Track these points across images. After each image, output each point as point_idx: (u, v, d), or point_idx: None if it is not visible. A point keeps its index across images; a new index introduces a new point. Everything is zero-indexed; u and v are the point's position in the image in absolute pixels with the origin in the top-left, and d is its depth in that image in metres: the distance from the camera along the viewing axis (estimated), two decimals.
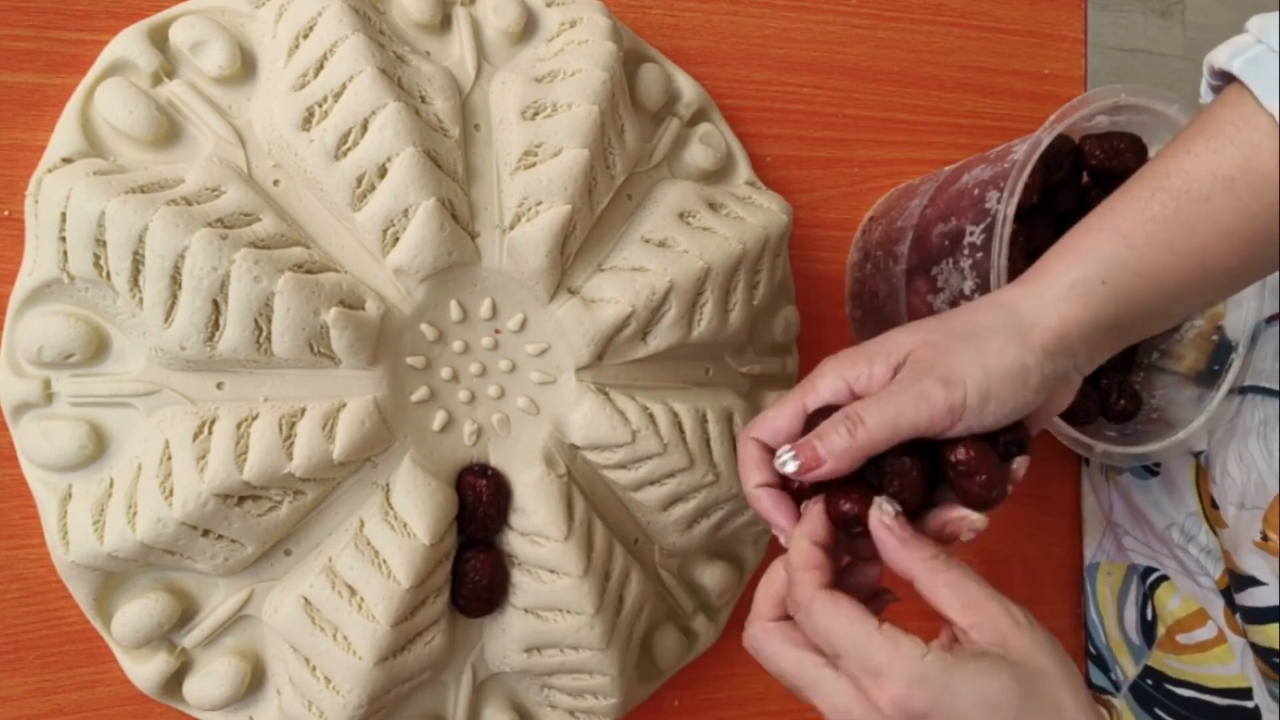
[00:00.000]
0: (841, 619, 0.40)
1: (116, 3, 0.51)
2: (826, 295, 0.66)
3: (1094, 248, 0.45)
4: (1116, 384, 0.61)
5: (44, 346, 0.46)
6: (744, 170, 0.61)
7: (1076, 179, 0.60)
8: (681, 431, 0.52)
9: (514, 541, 0.51)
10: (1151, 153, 0.59)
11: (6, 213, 0.49)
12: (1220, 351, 0.60)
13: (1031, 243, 0.58)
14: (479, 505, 0.50)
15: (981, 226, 0.54)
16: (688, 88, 0.59)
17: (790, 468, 0.43)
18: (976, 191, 0.55)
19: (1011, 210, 0.51)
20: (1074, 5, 0.70)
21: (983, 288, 0.53)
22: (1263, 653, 0.58)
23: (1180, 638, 0.65)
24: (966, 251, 0.54)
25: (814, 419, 0.44)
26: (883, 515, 0.42)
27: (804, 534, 0.43)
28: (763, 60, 0.63)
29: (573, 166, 0.49)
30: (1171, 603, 0.65)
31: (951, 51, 0.67)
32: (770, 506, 0.44)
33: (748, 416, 0.56)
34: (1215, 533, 0.60)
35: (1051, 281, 0.45)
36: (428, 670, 0.50)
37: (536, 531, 0.50)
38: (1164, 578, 0.66)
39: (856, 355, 0.45)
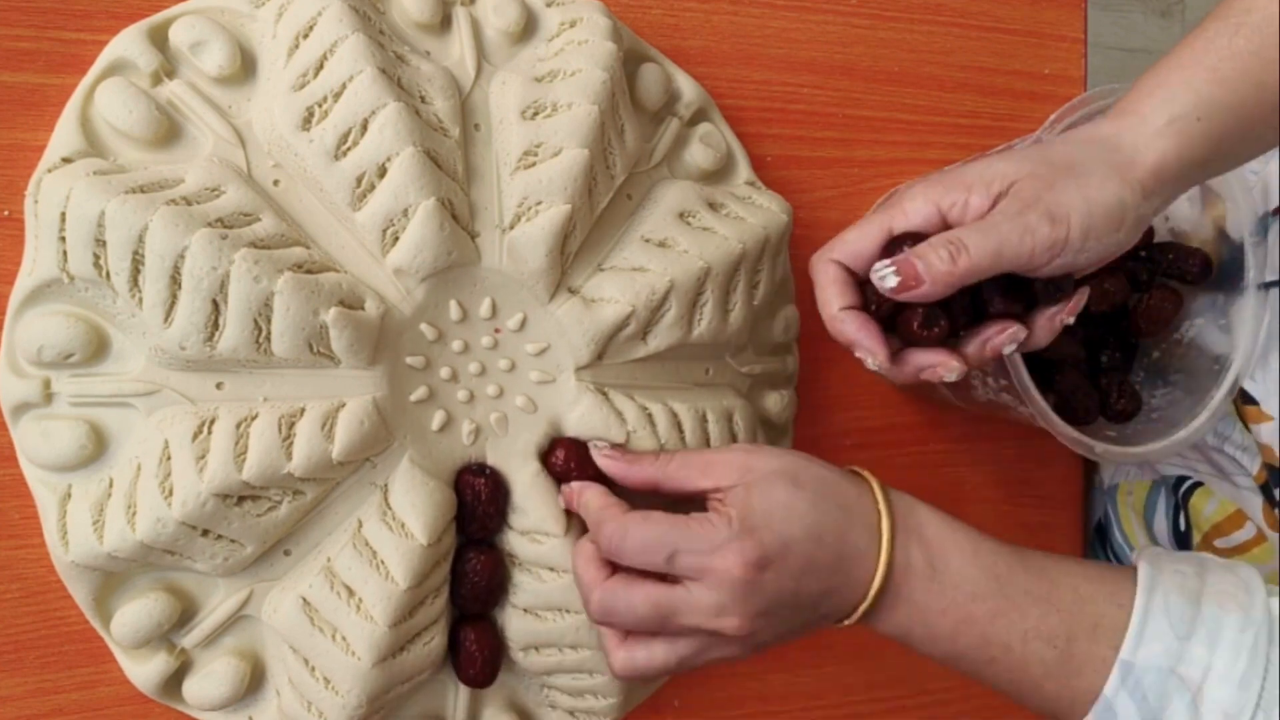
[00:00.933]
0: (659, 525, 0.44)
1: (116, 3, 0.51)
2: None
3: (1187, 82, 0.45)
4: (1116, 384, 0.61)
5: (44, 346, 0.46)
6: (744, 170, 0.61)
7: None
8: (681, 431, 0.52)
9: (513, 541, 0.51)
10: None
11: (6, 213, 0.49)
12: (1228, 252, 0.59)
13: None
14: (478, 504, 0.49)
15: None
16: (688, 88, 0.59)
17: (890, 283, 0.43)
18: None
19: None
20: (1074, 5, 0.70)
21: None
22: None
23: (1218, 542, 0.64)
24: None
25: (893, 245, 0.44)
26: (602, 451, 0.49)
27: (591, 490, 0.48)
28: (763, 60, 0.63)
29: (573, 166, 0.49)
30: (1207, 508, 0.65)
31: (951, 51, 0.67)
32: (857, 329, 0.45)
33: (748, 416, 0.56)
34: (1249, 429, 0.60)
35: (1149, 116, 0.45)
36: (427, 670, 0.50)
37: (535, 529, 0.50)
38: (1198, 484, 0.65)
39: (952, 182, 0.45)
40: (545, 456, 0.51)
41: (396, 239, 0.48)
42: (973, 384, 0.58)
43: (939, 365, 0.46)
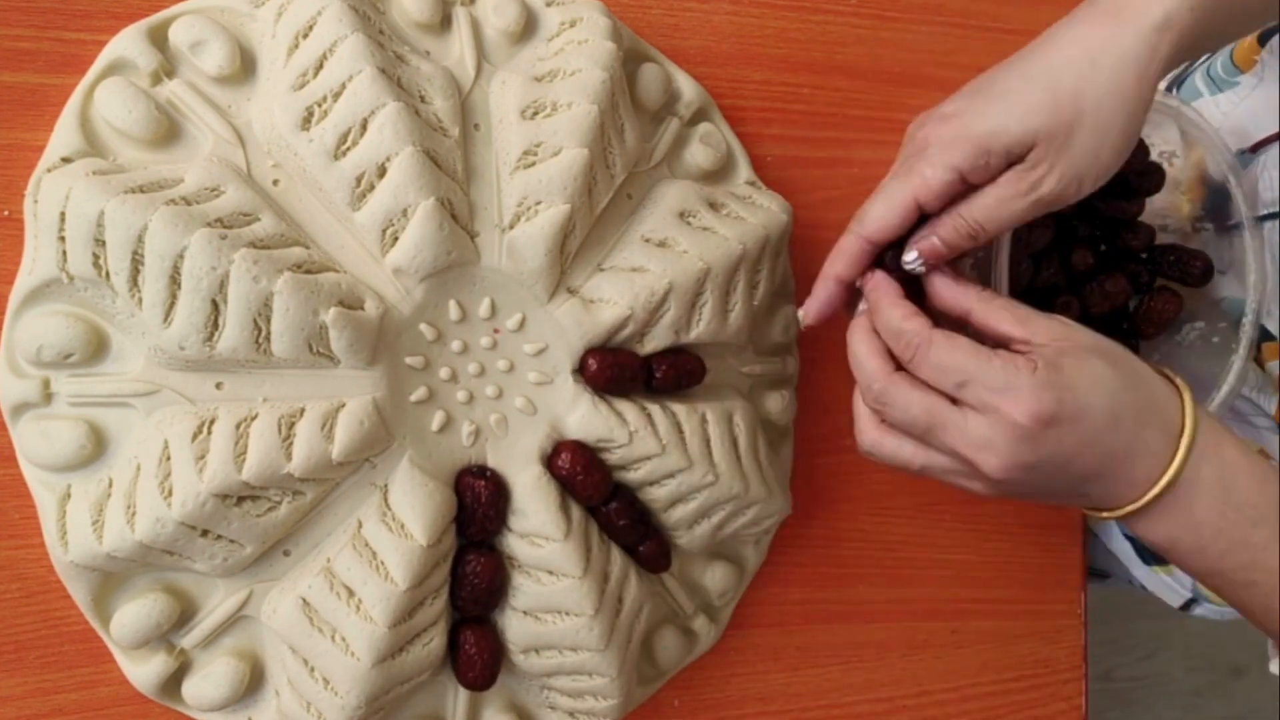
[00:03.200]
0: (961, 351, 0.44)
1: (116, 3, 0.51)
2: None
3: None
4: None
5: (43, 346, 0.46)
6: (744, 170, 0.61)
7: None
8: (681, 432, 0.52)
9: (513, 543, 0.51)
10: (1154, 154, 0.59)
11: (6, 212, 0.49)
12: (1212, 192, 0.59)
13: (1033, 244, 0.58)
14: (478, 507, 0.49)
15: None
16: (688, 88, 0.59)
17: (921, 269, 0.48)
18: None
19: (1007, 235, 0.51)
20: (1074, 5, 0.70)
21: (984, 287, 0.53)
22: None
23: None
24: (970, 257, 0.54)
25: (895, 251, 0.49)
26: (928, 255, 0.48)
27: (890, 296, 0.48)
28: (763, 60, 0.63)
29: (572, 166, 0.49)
30: None
31: (951, 51, 0.67)
32: (826, 300, 0.50)
33: (748, 417, 0.56)
34: (1263, 368, 0.60)
35: (1143, 12, 0.45)
36: (426, 671, 0.50)
37: (535, 532, 0.50)
38: None
39: (969, 147, 0.46)
40: (550, 460, 0.51)
41: (396, 239, 0.47)
42: None
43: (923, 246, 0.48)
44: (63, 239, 0.45)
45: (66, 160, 0.47)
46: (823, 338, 0.65)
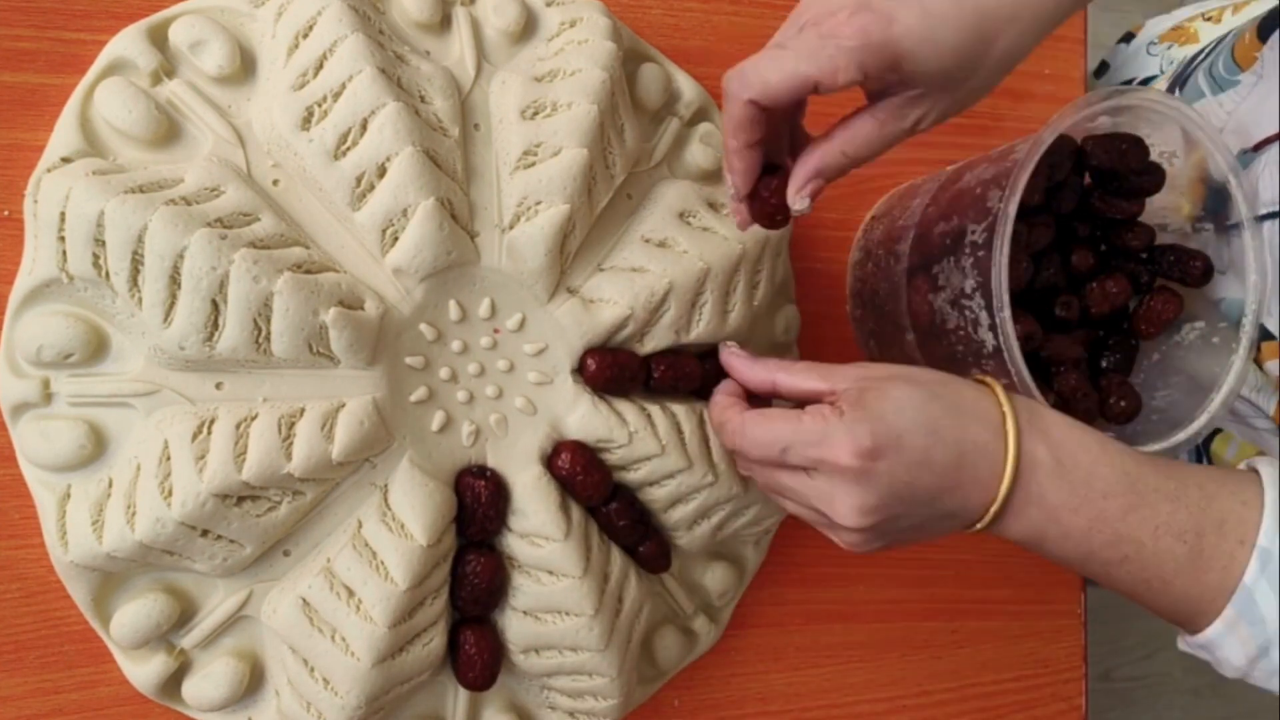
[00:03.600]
0: (772, 421, 0.46)
1: (116, 3, 0.51)
2: (827, 294, 0.66)
3: None
4: (1116, 385, 0.60)
5: (43, 346, 0.46)
6: None
7: (1079, 179, 0.60)
8: (680, 433, 0.52)
9: (513, 544, 0.51)
10: (1154, 154, 0.59)
11: (6, 212, 0.49)
12: (1212, 192, 0.59)
13: (1033, 244, 0.57)
14: (478, 507, 0.49)
15: (983, 225, 0.54)
16: (688, 88, 0.59)
17: (807, 206, 0.47)
18: (979, 190, 0.55)
19: (1013, 208, 0.51)
20: None
21: (984, 287, 0.53)
22: None
23: None
24: (968, 250, 0.54)
25: (770, 171, 0.48)
26: (730, 350, 0.51)
27: (721, 391, 0.50)
28: None
29: (572, 166, 0.49)
30: (1228, 453, 0.66)
31: None
32: (745, 169, 0.47)
33: None
34: (1261, 368, 0.60)
35: None
36: (426, 671, 0.50)
37: (535, 532, 0.50)
38: (1216, 430, 0.66)
39: (886, 58, 0.43)
40: (550, 460, 0.51)
41: (396, 239, 0.47)
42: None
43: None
44: (63, 239, 0.45)
45: (66, 160, 0.47)
46: (823, 337, 0.65)
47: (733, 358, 0.51)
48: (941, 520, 0.46)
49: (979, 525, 0.46)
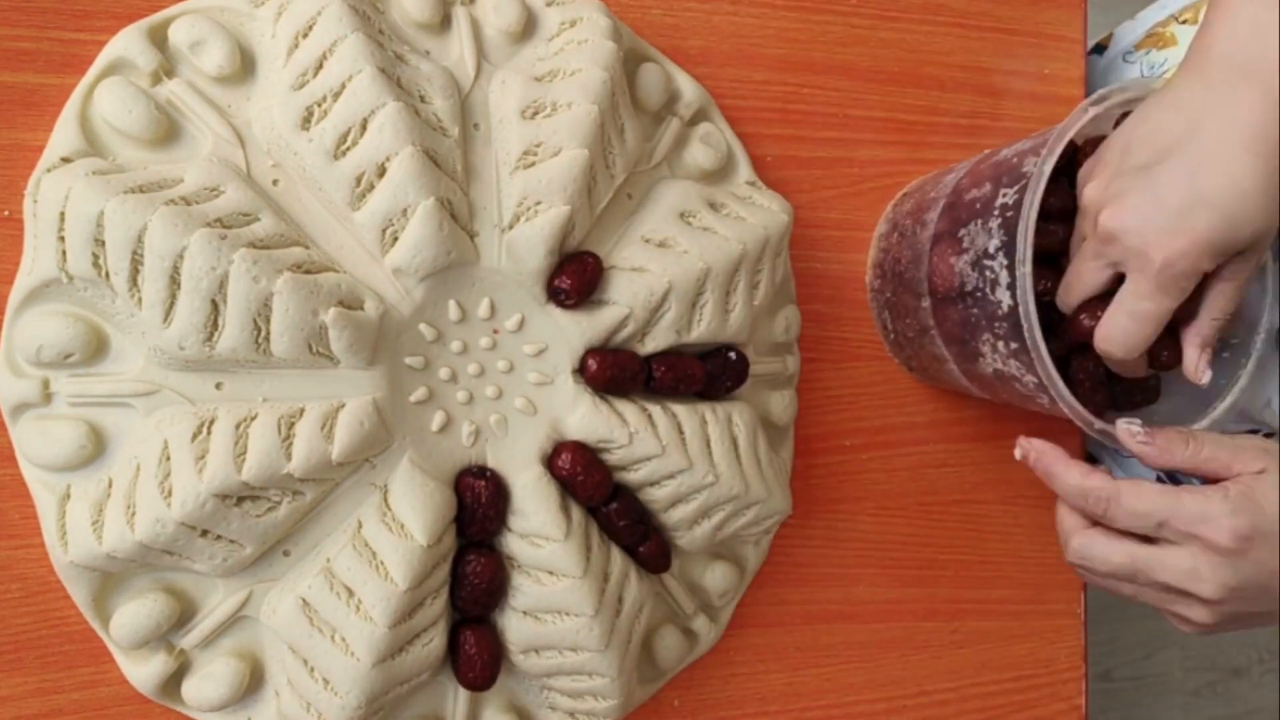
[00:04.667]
0: (1150, 494, 0.47)
1: (116, 2, 0.51)
2: (828, 294, 0.66)
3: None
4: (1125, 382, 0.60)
5: (43, 346, 0.46)
6: (744, 170, 0.61)
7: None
8: (681, 433, 0.52)
9: (513, 544, 0.51)
10: None
11: (6, 213, 0.49)
12: None
13: (1052, 206, 0.57)
14: (478, 507, 0.49)
15: (1015, 188, 0.53)
16: (688, 88, 0.59)
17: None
18: (1015, 160, 0.55)
19: (1049, 167, 0.51)
20: (1074, 5, 0.70)
21: (1008, 246, 0.52)
22: None
23: None
24: (997, 211, 0.54)
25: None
26: (1135, 436, 0.50)
27: (1061, 457, 0.51)
28: (763, 60, 0.63)
29: (572, 166, 0.49)
30: None
31: (951, 51, 0.67)
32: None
33: (749, 418, 0.56)
34: None
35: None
36: (426, 672, 0.50)
37: (535, 533, 0.50)
38: None
39: (1210, 259, 0.47)
40: (550, 460, 0.51)
41: (395, 239, 0.47)
42: (981, 351, 0.58)
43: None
44: (62, 239, 0.45)
45: (66, 160, 0.47)
46: (824, 338, 0.65)
47: (1143, 445, 0.50)
48: None
49: None
